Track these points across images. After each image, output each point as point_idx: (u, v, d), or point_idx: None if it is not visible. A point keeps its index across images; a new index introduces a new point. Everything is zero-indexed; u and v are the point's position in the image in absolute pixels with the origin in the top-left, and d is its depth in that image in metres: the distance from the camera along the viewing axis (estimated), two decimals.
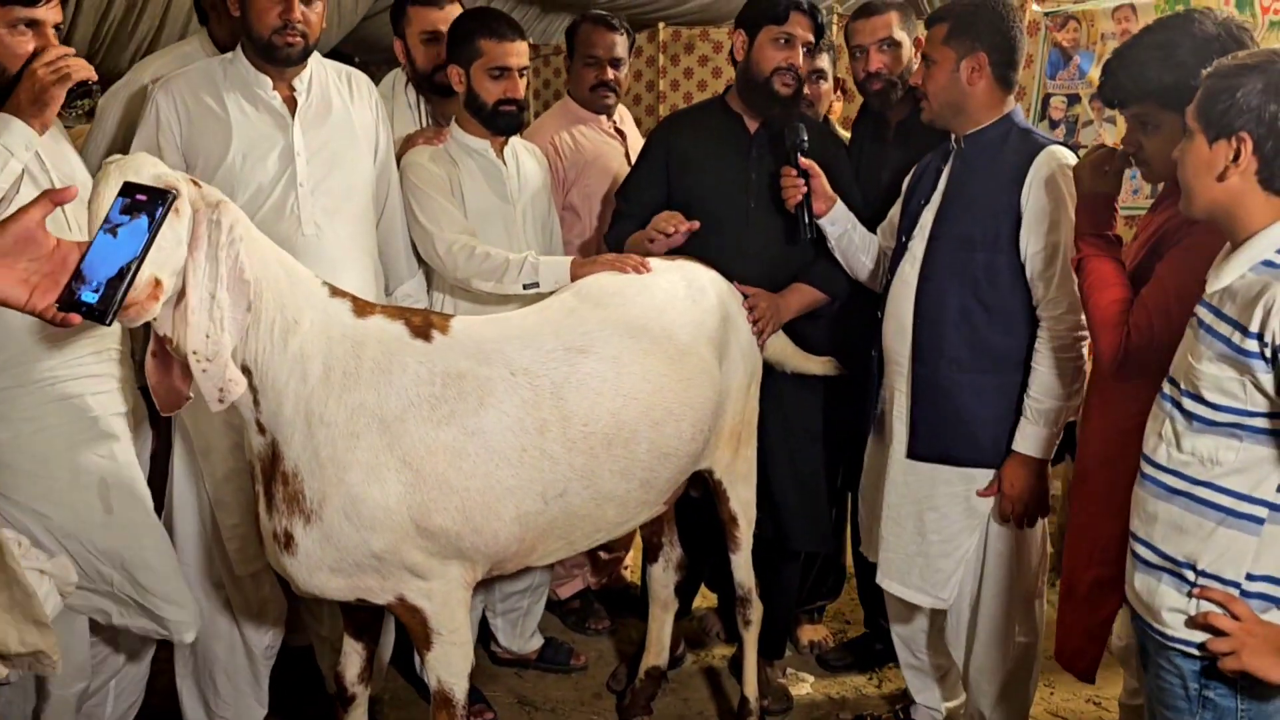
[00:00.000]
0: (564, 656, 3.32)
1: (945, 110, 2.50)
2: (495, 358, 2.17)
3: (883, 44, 2.88)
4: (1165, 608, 1.72)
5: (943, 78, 2.47)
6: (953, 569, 2.57)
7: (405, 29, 3.07)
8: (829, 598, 3.57)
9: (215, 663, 2.70)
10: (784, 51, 2.77)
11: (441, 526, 2.07)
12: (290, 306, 1.98)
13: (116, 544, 2.28)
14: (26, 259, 1.33)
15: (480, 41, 2.73)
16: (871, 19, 2.90)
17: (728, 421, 2.59)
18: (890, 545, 2.64)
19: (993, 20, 2.45)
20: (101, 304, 1.36)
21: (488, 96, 2.75)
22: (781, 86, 2.77)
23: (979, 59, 2.44)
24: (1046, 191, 2.37)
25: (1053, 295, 2.39)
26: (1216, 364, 1.64)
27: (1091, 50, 4.33)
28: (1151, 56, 2.06)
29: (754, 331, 2.69)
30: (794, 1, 2.76)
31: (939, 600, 2.61)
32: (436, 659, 2.20)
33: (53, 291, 1.35)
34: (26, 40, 2.15)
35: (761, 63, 2.78)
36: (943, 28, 2.47)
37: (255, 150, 2.51)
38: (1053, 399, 2.41)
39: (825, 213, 2.71)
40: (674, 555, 2.96)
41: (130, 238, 1.40)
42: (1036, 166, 2.39)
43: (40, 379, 2.19)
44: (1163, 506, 1.73)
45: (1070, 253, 2.33)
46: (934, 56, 2.48)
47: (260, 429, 2.03)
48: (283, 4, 2.44)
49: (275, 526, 2.06)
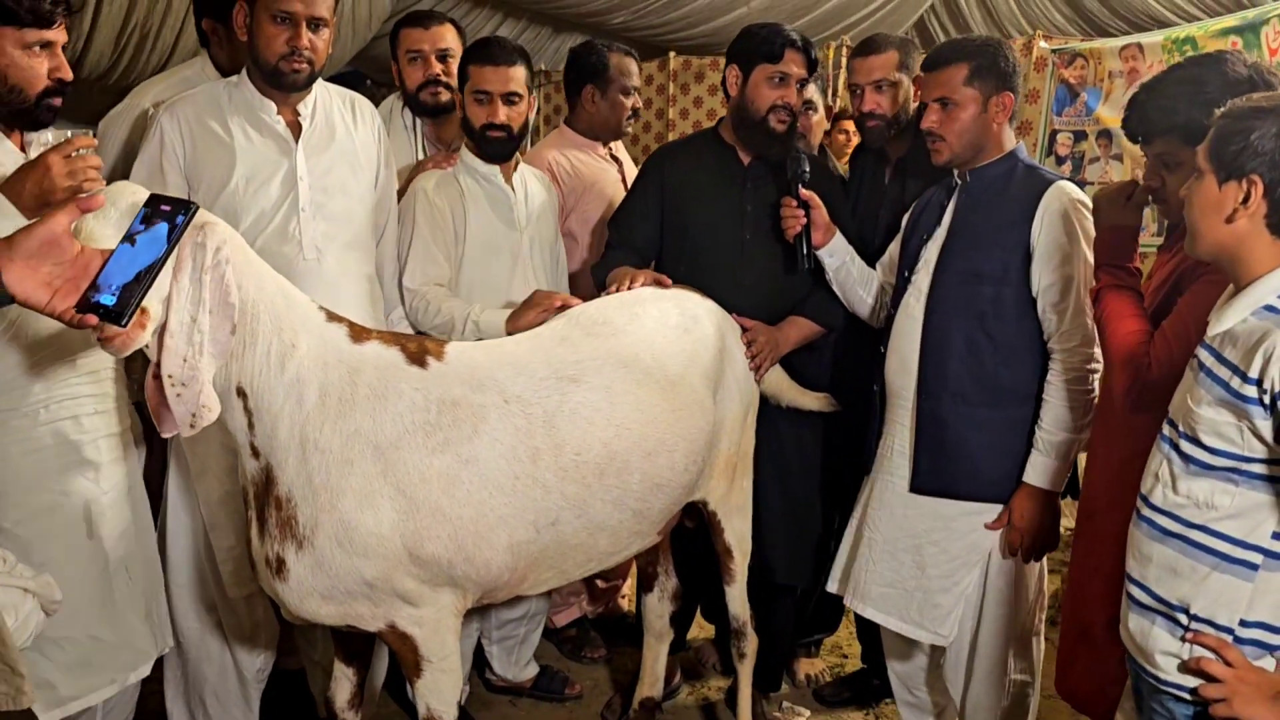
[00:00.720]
0: (559, 685, 3.30)
1: (967, 151, 2.50)
2: (489, 385, 2.16)
3: (879, 84, 2.87)
4: (1159, 650, 1.71)
5: (968, 119, 2.46)
6: (953, 604, 2.55)
7: (397, 50, 3.14)
8: (826, 631, 3.55)
9: (205, 684, 2.69)
10: (779, 90, 2.78)
11: (434, 554, 2.06)
12: (287, 330, 1.98)
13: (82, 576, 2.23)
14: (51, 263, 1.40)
15: (469, 66, 2.78)
16: (869, 58, 2.90)
17: (722, 453, 2.59)
18: (888, 580, 2.62)
19: (1010, 59, 2.48)
20: (118, 306, 1.45)
21: (475, 121, 2.78)
22: (777, 124, 2.79)
23: (1005, 99, 2.46)
24: (1059, 225, 2.38)
25: (1066, 328, 2.39)
26: (1215, 408, 1.63)
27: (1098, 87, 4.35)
28: (1181, 92, 2.05)
29: (751, 366, 2.68)
30: (789, 39, 2.77)
31: (938, 636, 2.58)
32: (426, 686, 2.18)
33: (73, 296, 1.42)
34: (42, 62, 2.16)
35: (757, 100, 2.79)
36: (961, 69, 2.45)
37: (259, 174, 2.53)
38: (1065, 432, 2.40)
39: (824, 244, 2.72)
40: (669, 585, 2.95)
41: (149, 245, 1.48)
42: (1047, 201, 2.39)
43: (33, 402, 2.19)
44: (1157, 548, 1.72)
45: (1083, 286, 2.34)
46: (955, 99, 2.46)
47: (254, 452, 2.03)
48: (290, 31, 2.47)
49: (267, 552, 2.05)
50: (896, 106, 2.89)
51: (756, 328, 2.73)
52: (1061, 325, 2.39)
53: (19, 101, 2.15)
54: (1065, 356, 2.40)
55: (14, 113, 2.18)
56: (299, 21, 2.47)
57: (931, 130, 2.50)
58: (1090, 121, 4.44)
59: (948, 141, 2.49)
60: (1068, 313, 2.38)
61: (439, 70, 3.09)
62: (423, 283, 2.74)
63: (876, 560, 2.63)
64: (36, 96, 2.16)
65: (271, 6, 2.46)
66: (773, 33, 2.80)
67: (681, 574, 3.00)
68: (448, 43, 3.13)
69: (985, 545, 2.53)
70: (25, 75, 2.14)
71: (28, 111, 2.17)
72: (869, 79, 2.88)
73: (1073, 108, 4.47)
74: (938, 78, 2.49)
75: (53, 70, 2.17)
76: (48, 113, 2.20)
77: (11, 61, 2.13)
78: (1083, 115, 4.47)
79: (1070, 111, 4.48)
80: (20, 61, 2.13)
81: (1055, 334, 2.41)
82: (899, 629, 2.63)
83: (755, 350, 2.69)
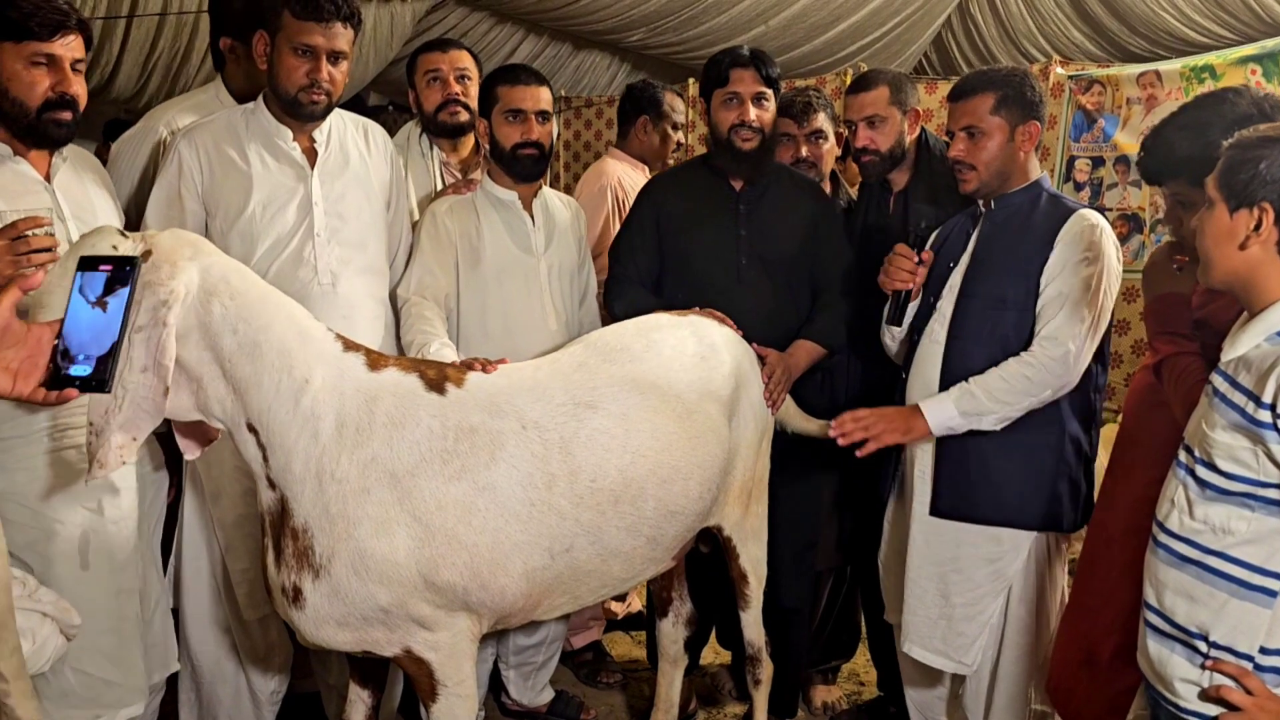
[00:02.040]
0: (574, 711, 3.29)
1: (994, 180, 2.51)
2: (508, 410, 2.17)
3: (871, 120, 2.88)
4: (1178, 678, 1.70)
5: (995, 148, 2.48)
6: (977, 633, 2.54)
7: (414, 75, 3.19)
8: (843, 657, 3.52)
9: (220, 707, 2.70)
10: (734, 110, 2.83)
11: (450, 581, 2.06)
12: (300, 366, 1.99)
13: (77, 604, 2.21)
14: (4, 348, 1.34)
15: (498, 88, 2.79)
16: (860, 95, 2.91)
17: (737, 479, 2.58)
18: (913, 608, 2.60)
19: (1036, 89, 2.50)
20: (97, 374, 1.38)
21: (506, 140, 2.78)
22: (741, 142, 2.83)
23: (1032, 128, 2.48)
24: (1071, 245, 2.40)
25: (1050, 334, 2.38)
26: (1230, 433, 1.64)
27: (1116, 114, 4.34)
28: (1182, 137, 2.08)
29: (766, 395, 2.68)
30: (733, 58, 2.83)
31: (963, 665, 2.57)
32: (442, 711, 2.18)
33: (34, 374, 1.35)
34: (43, 76, 2.20)
35: (720, 125, 2.86)
36: (988, 99, 2.47)
37: (275, 200, 2.56)
38: (987, 401, 2.38)
39: (914, 300, 2.68)
40: (684, 610, 2.94)
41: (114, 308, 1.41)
42: (1067, 227, 2.42)
43: (38, 429, 2.21)
44: (1174, 574, 1.71)
45: (1088, 308, 2.34)
46: (981, 128, 2.47)
47: (270, 484, 2.04)
48: (311, 64, 2.50)
49: (284, 580, 2.06)
50: (891, 141, 2.89)
51: (773, 358, 2.73)
52: (1046, 330, 2.38)
53: (22, 115, 2.20)
54: (1039, 353, 2.37)
55: (24, 129, 2.22)
56: (320, 55, 2.50)
57: (959, 159, 2.51)
58: (1108, 148, 4.44)
59: (976, 170, 2.50)
60: (1056, 322, 2.38)
61: (458, 90, 3.13)
62: (415, 291, 2.73)
63: (900, 588, 2.62)
64: (37, 110, 2.20)
65: (293, 39, 2.48)
66: (720, 56, 2.89)
67: (696, 598, 2.99)
68: (466, 64, 3.17)
69: (1009, 573, 2.51)
70: (22, 89, 2.19)
71: (33, 127, 2.22)
72: (860, 115, 2.89)
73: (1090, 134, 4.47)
74: (964, 107, 2.51)
75: (55, 84, 2.21)
76: (56, 127, 2.24)
77: (12, 75, 2.18)
78: (1100, 141, 4.47)
79: (1088, 138, 4.48)
80: (19, 75, 2.19)
81: (1039, 336, 2.40)
82: (922, 658, 2.61)
83: (774, 383, 2.69)
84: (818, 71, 7.84)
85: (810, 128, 3.16)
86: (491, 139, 2.82)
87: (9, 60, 2.18)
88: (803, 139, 3.17)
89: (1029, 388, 2.37)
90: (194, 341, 1.93)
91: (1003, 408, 2.39)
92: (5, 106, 2.20)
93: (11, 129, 2.23)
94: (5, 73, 2.18)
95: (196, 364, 1.95)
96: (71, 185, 2.33)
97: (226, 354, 1.94)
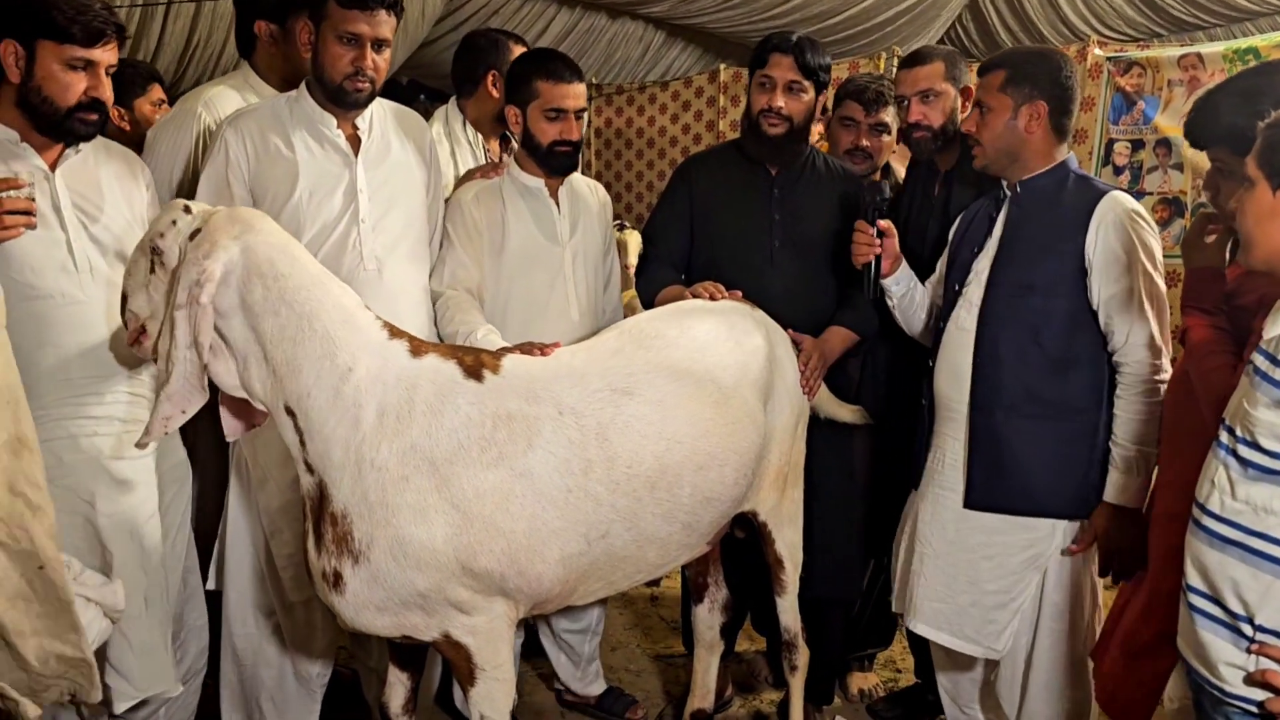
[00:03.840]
0: (621, 708, 3.25)
1: (1000, 157, 2.50)
2: (545, 397, 2.18)
3: (924, 95, 2.86)
4: (1222, 662, 1.68)
5: (998, 125, 2.47)
6: (1008, 619, 2.53)
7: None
8: (880, 645, 3.52)
9: (262, 689, 2.72)
10: (766, 94, 2.82)
11: (487, 568, 2.08)
12: (344, 353, 2.01)
13: None
14: None
15: (537, 83, 2.74)
16: (914, 69, 2.89)
17: (773, 463, 2.58)
18: (941, 595, 2.59)
19: (1051, 70, 2.46)
20: None
21: (543, 138, 2.77)
22: (768, 127, 2.82)
23: (1037, 108, 2.45)
24: (1115, 237, 2.36)
25: (1130, 341, 2.37)
26: (1273, 410, 1.62)
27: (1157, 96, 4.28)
28: (1234, 103, 2.03)
29: (803, 384, 2.68)
30: (773, 44, 2.81)
31: (992, 651, 2.56)
32: (480, 695, 2.20)
33: None
34: (79, 80, 2.22)
35: (752, 106, 2.86)
36: (999, 75, 2.46)
37: (321, 188, 2.58)
38: (1139, 444, 2.38)
39: (891, 273, 2.69)
40: (720, 596, 2.94)
41: None
42: (1101, 213, 2.38)
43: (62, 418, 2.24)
44: (1215, 556, 1.69)
45: (1146, 297, 2.33)
46: (989, 103, 2.47)
47: (308, 468, 2.07)
48: (356, 52, 2.51)
49: (324, 566, 2.08)
50: (944, 117, 2.87)
51: (808, 344, 2.73)
52: (1125, 338, 2.37)
53: (50, 113, 2.22)
54: (1135, 368, 2.37)
55: (49, 125, 2.24)
56: (364, 43, 2.51)
57: (969, 133, 2.54)
58: (1148, 130, 4.38)
59: (982, 145, 2.50)
60: (1131, 324, 2.36)
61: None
62: (449, 285, 2.75)
63: (929, 575, 2.60)
64: (66, 110, 2.22)
65: (338, 27, 2.50)
66: (767, 38, 2.87)
67: (731, 584, 2.99)
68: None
69: (1041, 560, 2.50)
70: (58, 89, 2.21)
71: (59, 125, 2.24)
72: (914, 89, 2.87)
73: (1129, 116, 4.41)
74: (980, 82, 2.53)
75: (89, 89, 2.23)
76: (83, 126, 2.26)
77: (49, 74, 2.20)
78: (1140, 124, 4.41)
79: (1127, 120, 4.42)
80: (57, 76, 2.20)
81: (1120, 347, 2.39)
82: (951, 644, 2.60)
83: (810, 369, 2.69)
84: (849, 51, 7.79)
85: (875, 118, 3.15)
86: (526, 131, 2.80)
87: (46, 59, 2.20)
88: (866, 128, 3.16)
89: (1150, 402, 2.37)
90: (238, 321, 1.97)
91: (1151, 432, 2.37)
92: (35, 102, 2.22)
93: (35, 122, 2.24)
94: (41, 70, 2.20)
95: (241, 342, 1.99)
96: (78, 177, 2.34)
97: (267, 336, 1.97)
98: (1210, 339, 2.08)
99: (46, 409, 2.22)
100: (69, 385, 2.28)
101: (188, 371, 1.90)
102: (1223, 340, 2.08)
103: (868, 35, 8.13)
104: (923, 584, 2.62)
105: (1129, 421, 2.38)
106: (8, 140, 2.25)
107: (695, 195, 2.94)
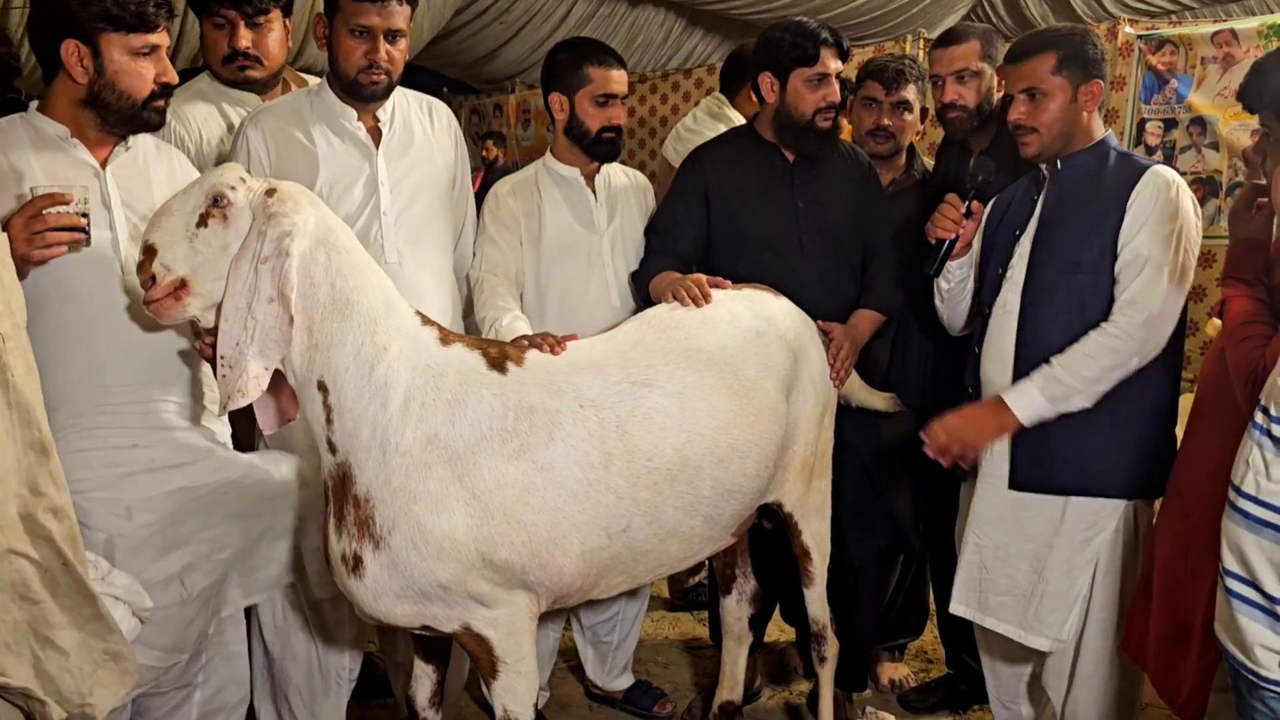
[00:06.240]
0: (649, 702, 3.23)
1: (1057, 142, 2.44)
2: (566, 389, 2.17)
3: (960, 74, 2.83)
4: (1258, 645, 1.64)
5: (1057, 109, 2.41)
6: (1070, 607, 2.48)
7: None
8: (911, 635, 3.49)
9: (290, 684, 2.73)
10: (821, 90, 2.75)
11: (507, 560, 2.07)
12: (381, 334, 2.02)
13: None
14: None
15: (588, 69, 2.76)
16: (950, 49, 2.85)
17: (798, 454, 2.56)
18: (1004, 587, 2.53)
19: (1096, 46, 2.43)
20: None
21: (592, 123, 2.78)
22: (824, 122, 2.78)
23: (1094, 87, 2.41)
24: (1147, 203, 2.33)
25: (1130, 298, 2.32)
26: None
27: (1190, 74, 4.20)
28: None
29: (833, 374, 2.65)
30: (821, 39, 2.73)
31: (1056, 642, 2.50)
32: (503, 688, 2.19)
33: None
34: (149, 67, 2.17)
35: (800, 106, 2.77)
36: (1048, 58, 2.40)
37: (342, 180, 2.58)
38: (1071, 379, 2.32)
39: (960, 256, 2.63)
40: (748, 588, 2.92)
41: None
42: (1141, 186, 2.34)
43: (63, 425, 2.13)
44: (1251, 539, 1.65)
45: (1170, 269, 2.28)
46: (1043, 89, 2.40)
47: (332, 448, 2.06)
48: (368, 44, 2.52)
49: (344, 549, 2.08)
50: (979, 97, 2.83)
51: (838, 333, 2.69)
52: (1127, 295, 2.32)
53: (127, 108, 2.17)
54: (1121, 321, 2.31)
55: (122, 119, 2.19)
56: (376, 35, 2.51)
57: (1020, 123, 2.44)
58: (1182, 109, 4.30)
59: (1038, 133, 2.43)
60: (1137, 285, 2.31)
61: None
62: (486, 270, 2.76)
63: (990, 568, 2.55)
64: (143, 101, 2.18)
65: (350, 20, 2.50)
66: (803, 35, 2.75)
67: (759, 574, 2.97)
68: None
69: (1096, 545, 2.45)
70: (133, 81, 2.16)
71: (134, 117, 2.20)
72: (950, 69, 2.84)
73: (1161, 95, 4.34)
74: (1023, 69, 2.43)
75: (158, 75, 2.19)
76: (155, 114, 2.22)
77: (120, 68, 2.14)
78: (1173, 103, 4.34)
79: (1159, 99, 4.35)
80: (129, 68, 2.15)
81: (1120, 301, 2.33)
82: (1016, 636, 2.53)
83: (841, 359, 2.66)
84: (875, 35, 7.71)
85: (897, 96, 3.09)
86: (574, 118, 2.80)
87: (114, 53, 2.13)
88: (888, 106, 3.11)
89: (1116, 359, 2.31)
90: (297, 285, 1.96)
91: (1091, 385, 2.32)
92: (109, 98, 2.15)
93: (105, 118, 2.18)
94: (112, 65, 2.13)
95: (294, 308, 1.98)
96: (129, 173, 2.28)
97: (320, 305, 1.98)
98: (1249, 310, 2.05)
99: (80, 415, 2.18)
100: (105, 393, 2.21)
101: (270, 325, 1.90)
102: (1260, 312, 2.04)
103: (893, 17, 8.05)
104: (985, 576, 2.56)
105: (1078, 353, 2.32)
106: (58, 136, 2.19)
107: (710, 187, 2.88)
